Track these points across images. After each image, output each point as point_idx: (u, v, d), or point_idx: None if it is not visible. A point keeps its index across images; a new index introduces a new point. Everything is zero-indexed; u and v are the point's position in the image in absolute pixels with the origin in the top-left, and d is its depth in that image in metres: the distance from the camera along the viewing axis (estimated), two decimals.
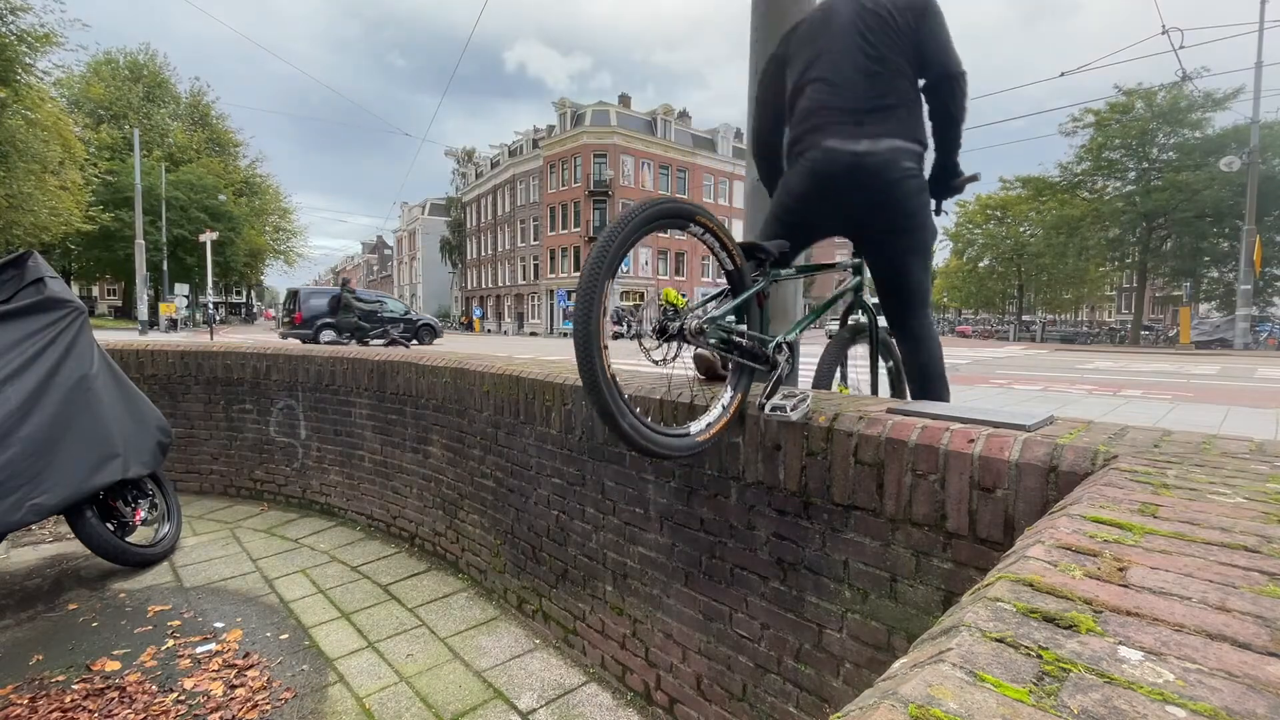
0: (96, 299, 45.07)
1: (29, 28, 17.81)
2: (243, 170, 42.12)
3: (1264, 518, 0.79)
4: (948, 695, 0.43)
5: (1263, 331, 20.16)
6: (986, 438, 1.31)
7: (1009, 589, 0.60)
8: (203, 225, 27.43)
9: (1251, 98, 16.50)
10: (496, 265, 50.03)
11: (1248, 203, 16.37)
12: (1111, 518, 0.80)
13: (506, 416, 2.86)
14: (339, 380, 4.05)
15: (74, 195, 21.51)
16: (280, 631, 2.69)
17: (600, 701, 2.24)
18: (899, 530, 1.45)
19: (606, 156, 38.46)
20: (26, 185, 18.48)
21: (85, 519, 3.06)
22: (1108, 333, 28.06)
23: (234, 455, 4.56)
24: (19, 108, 18.05)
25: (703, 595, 1.97)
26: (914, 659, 0.52)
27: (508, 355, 3.74)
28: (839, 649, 1.59)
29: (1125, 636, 0.51)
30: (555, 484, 2.59)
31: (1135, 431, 1.37)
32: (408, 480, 3.65)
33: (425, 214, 67.13)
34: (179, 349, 4.66)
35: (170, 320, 25.17)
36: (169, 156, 34.73)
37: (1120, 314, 45.80)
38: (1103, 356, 15.16)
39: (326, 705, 2.20)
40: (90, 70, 34.60)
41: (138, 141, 22.47)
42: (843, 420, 1.56)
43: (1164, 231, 22.82)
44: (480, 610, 2.92)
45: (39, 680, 2.29)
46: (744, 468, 1.80)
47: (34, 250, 3.34)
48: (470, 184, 55.02)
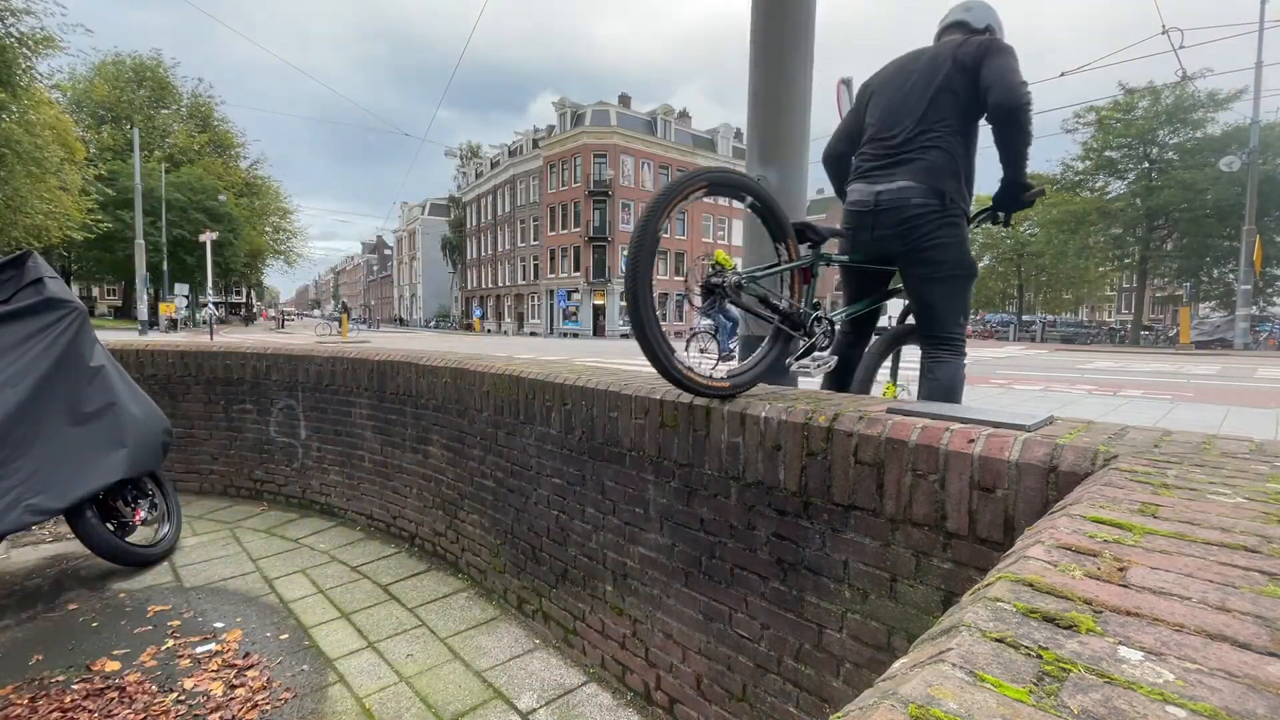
0: (96, 299, 45.07)
1: (29, 31, 17.81)
2: (243, 171, 42.12)
3: (1264, 518, 0.79)
4: (948, 695, 0.43)
5: (1263, 331, 20.16)
6: (986, 438, 1.31)
7: (1009, 589, 0.60)
8: (202, 226, 27.42)
9: (1252, 98, 16.51)
10: (496, 265, 50.04)
11: (1248, 203, 16.36)
12: (1111, 518, 0.80)
13: (506, 416, 2.86)
14: (339, 380, 4.05)
15: (73, 198, 21.48)
16: (280, 631, 2.69)
17: (600, 701, 2.24)
18: (899, 530, 1.45)
19: (606, 156, 38.47)
20: (24, 188, 18.46)
21: (85, 519, 3.06)
22: (1108, 333, 28.03)
23: (234, 455, 4.56)
24: (18, 110, 18.04)
25: (703, 595, 1.97)
26: (914, 659, 0.52)
27: (508, 355, 3.73)
28: (839, 649, 1.59)
29: (1125, 636, 0.51)
30: (555, 484, 2.59)
31: (1135, 431, 1.37)
32: (408, 480, 3.65)
33: (425, 214, 67.12)
34: (179, 349, 4.66)
35: (170, 320, 25.18)
36: (169, 157, 34.73)
37: (1120, 314, 45.80)
38: (1103, 356, 15.15)
39: (326, 705, 2.19)
40: (95, 71, 34.62)
41: (137, 142, 22.46)
42: (843, 420, 1.56)
43: (1164, 231, 22.80)
44: (480, 610, 2.92)
45: (39, 680, 2.29)
46: (744, 468, 1.80)
47: (34, 250, 3.34)
48: (471, 183, 55.03)
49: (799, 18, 2.71)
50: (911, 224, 1.99)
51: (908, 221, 1.99)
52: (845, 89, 7.22)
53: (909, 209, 1.98)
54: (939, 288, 2.05)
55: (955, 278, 2.04)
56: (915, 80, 2.05)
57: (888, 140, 2.07)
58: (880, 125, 2.12)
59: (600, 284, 38.41)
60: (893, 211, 2.00)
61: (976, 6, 2.19)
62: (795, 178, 2.77)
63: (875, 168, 2.08)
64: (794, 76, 2.73)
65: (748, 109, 2.83)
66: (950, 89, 1.98)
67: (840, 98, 7.22)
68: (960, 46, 2.00)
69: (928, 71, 2.03)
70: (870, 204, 2.05)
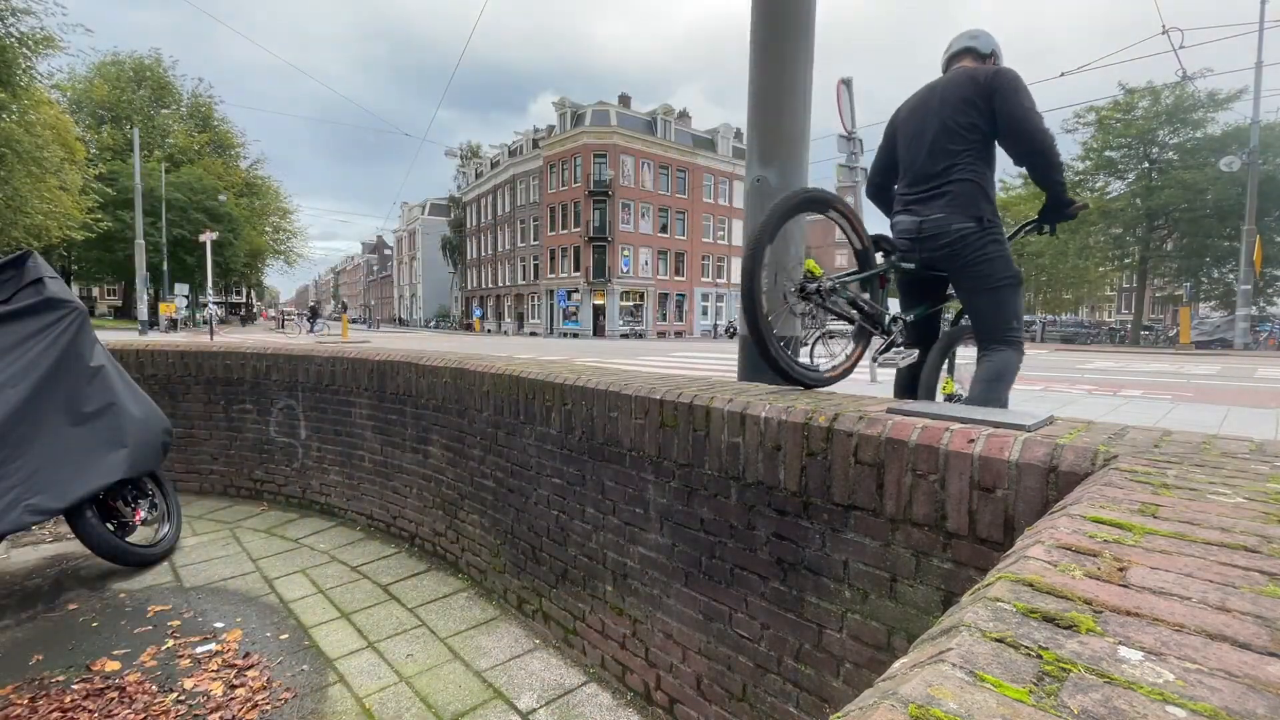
0: (96, 299, 45.07)
1: (29, 31, 17.81)
2: (243, 171, 42.11)
3: (1264, 518, 0.79)
4: (948, 695, 0.43)
5: (1263, 331, 20.15)
6: (986, 438, 1.31)
7: (1009, 589, 0.60)
8: (202, 226, 27.42)
9: (1252, 98, 16.50)
10: (496, 265, 50.04)
11: (1248, 203, 16.36)
12: (1111, 518, 0.80)
13: (506, 416, 2.86)
14: (339, 380, 4.05)
15: (73, 197, 21.48)
16: (280, 631, 2.69)
17: (600, 701, 2.24)
18: (899, 530, 1.45)
19: (606, 156, 38.46)
20: (24, 188, 18.46)
21: (85, 519, 3.06)
22: (1108, 333, 27.99)
23: (234, 455, 4.56)
24: (18, 110, 18.03)
25: (703, 595, 1.97)
26: (914, 659, 0.52)
27: (508, 355, 3.74)
28: (839, 649, 1.59)
29: (1125, 636, 0.51)
30: (555, 484, 2.59)
31: (1135, 431, 1.37)
32: (408, 480, 3.65)
33: (425, 214, 67.11)
34: (179, 349, 4.66)
35: (170, 320, 25.18)
36: (169, 157, 34.73)
37: (1120, 314, 45.79)
38: (1103, 356, 15.15)
39: (326, 705, 2.19)
40: (95, 71, 34.62)
41: (137, 142, 22.45)
42: (843, 420, 1.56)
43: (1164, 231, 22.79)
44: (480, 610, 2.92)
45: (39, 680, 2.29)
46: (744, 468, 1.80)
47: (34, 250, 3.34)
48: (471, 183, 55.03)
49: (799, 18, 2.71)
50: (956, 246, 2.17)
51: (953, 244, 2.17)
52: (845, 89, 7.22)
53: (951, 234, 2.17)
54: (988, 297, 2.21)
55: (1002, 287, 2.20)
56: (933, 120, 2.22)
57: (920, 176, 2.26)
58: (910, 162, 2.32)
59: (600, 284, 38.42)
60: (937, 236, 2.20)
61: (981, 35, 2.37)
62: (795, 178, 2.77)
63: (914, 201, 2.28)
64: (794, 76, 2.73)
65: (748, 109, 2.83)
66: (967, 125, 2.15)
67: (840, 98, 7.22)
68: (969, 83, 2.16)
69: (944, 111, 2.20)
70: (914, 231, 2.25)
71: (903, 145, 2.37)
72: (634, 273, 39.86)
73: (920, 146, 2.26)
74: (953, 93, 2.19)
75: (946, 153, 2.19)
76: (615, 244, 38.55)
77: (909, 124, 2.34)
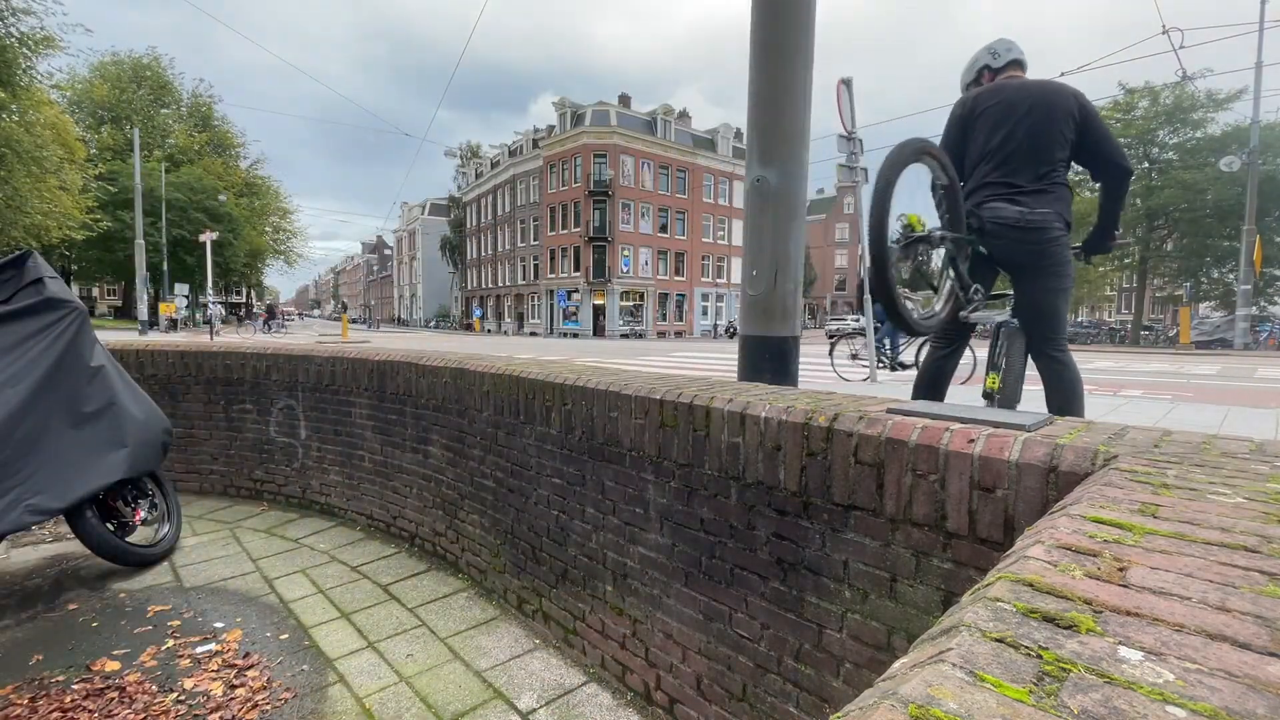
0: (96, 299, 45.07)
1: (29, 30, 17.81)
2: (243, 171, 42.11)
3: (1264, 518, 0.79)
4: (948, 695, 0.43)
5: (1263, 331, 20.14)
6: (986, 438, 1.31)
7: (1009, 589, 0.60)
8: (202, 226, 27.43)
9: (1252, 98, 16.50)
10: (496, 265, 50.04)
11: (1248, 203, 16.36)
12: (1111, 518, 0.80)
13: (506, 416, 2.86)
14: (339, 380, 4.05)
15: (73, 197, 21.48)
16: (280, 631, 2.69)
17: (600, 701, 2.24)
18: (899, 530, 1.45)
19: (606, 156, 38.46)
20: (24, 188, 18.46)
21: (85, 519, 3.06)
22: (1108, 332, 27.99)
23: (234, 455, 4.56)
24: (18, 110, 18.03)
25: (703, 595, 1.97)
26: (914, 659, 0.52)
27: (508, 355, 3.74)
28: (839, 649, 1.59)
29: (1125, 636, 0.51)
30: (555, 484, 2.59)
31: (1135, 431, 1.37)
32: (408, 480, 3.65)
33: (425, 214, 67.10)
34: (179, 349, 4.66)
35: (170, 320, 25.18)
36: (169, 157, 34.73)
37: (1120, 314, 45.80)
38: (1103, 356, 15.15)
39: (326, 705, 2.19)
40: (94, 71, 34.62)
41: (137, 142, 22.45)
42: (843, 420, 1.56)
43: (1164, 231, 22.78)
44: (480, 610, 2.92)
45: (39, 680, 2.29)
46: (744, 468, 1.80)
47: (33, 250, 3.34)
48: (471, 184, 55.02)
49: (799, 18, 2.71)
50: (1051, 245, 2.31)
51: (1050, 242, 2.30)
52: (845, 89, 7.21)
53: (1052, 231, 2.30)
54: (1062, 297, 2.37)
55: (1066, 291, 2.38)
56: (1039, 119, 2.34)
57: (1024, 172, 2.35)
58: (1007, 155, 2.39)
59: (600, 284, 38.43)
60: (1038, 231, 2.30)
61: (1015, 46, 2.57)
62: (795, 177, 2.77)
63: (1021, 194, 2.35)
64: (794, 76, 2.73)
65: (748, 109, 2.83)
66: (1065, 138, 2.33)
67: (840, 98, 7.21)
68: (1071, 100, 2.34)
69: (1051, 113, 2.33)
70: (1014, 219, 2.32)
71: (996, 134, 2.42)
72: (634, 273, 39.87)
73: (1021, 143, 2.35)
74: (1059, 104, 2.33)
75: (1052, 157, 2.33)
76: (615, 244, 38.55)
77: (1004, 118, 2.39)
